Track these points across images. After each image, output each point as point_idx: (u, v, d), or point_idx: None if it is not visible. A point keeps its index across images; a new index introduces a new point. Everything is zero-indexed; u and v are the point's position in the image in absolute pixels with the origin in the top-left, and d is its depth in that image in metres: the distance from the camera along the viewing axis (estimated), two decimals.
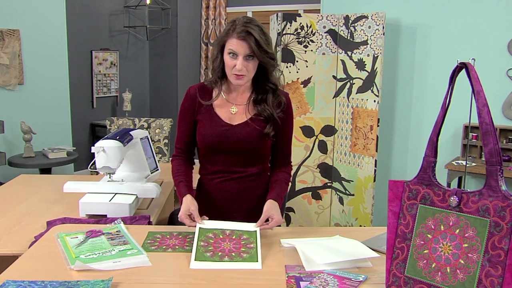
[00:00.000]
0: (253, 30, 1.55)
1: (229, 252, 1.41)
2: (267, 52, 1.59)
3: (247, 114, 1.69)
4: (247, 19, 1.59)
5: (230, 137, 1.66)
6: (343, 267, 1.32)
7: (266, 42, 1.59)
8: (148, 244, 1.49)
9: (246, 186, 1.72)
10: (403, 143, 3.74)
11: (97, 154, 1.85)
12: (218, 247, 1.43)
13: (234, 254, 1.40)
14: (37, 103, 4.14)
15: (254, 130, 1.67)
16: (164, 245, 1.49)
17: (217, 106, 1.70)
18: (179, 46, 5.72)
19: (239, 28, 1.56)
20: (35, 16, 4.07)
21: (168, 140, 3.99)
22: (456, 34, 3.40)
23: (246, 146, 1.67)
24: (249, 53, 1.57)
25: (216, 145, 1.67)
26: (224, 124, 1.68)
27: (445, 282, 1.06)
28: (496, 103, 3.28)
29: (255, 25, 1.57)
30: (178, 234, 1.59)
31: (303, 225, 3.61)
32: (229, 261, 1.36)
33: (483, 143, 1.03)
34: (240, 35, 1.55)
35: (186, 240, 1.53)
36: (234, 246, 1.45)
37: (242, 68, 1.58)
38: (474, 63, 1.09)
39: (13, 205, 2.00)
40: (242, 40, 1.55)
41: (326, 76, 3.50)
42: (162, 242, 1.51)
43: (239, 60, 1.57)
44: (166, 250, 1.45)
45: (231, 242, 1.46)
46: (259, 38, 1.55)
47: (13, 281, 1.19)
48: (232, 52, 1.58)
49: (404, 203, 1.16)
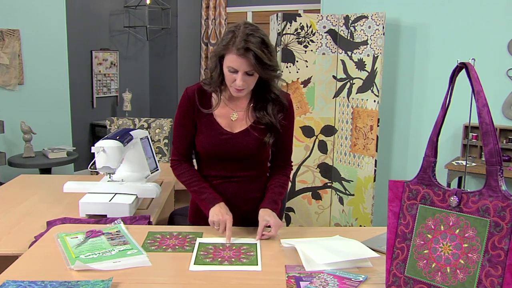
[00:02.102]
0: (253, 45, 1.46)
1: (228, 258, 1.41)
2: (268, 65, 1.51)
3: (247, 121, 1.66)
4: (248, 30, 1.48)
5: (231, 146, 1.63)
6: (343, 267, 1.32)
7: (269, 55, 1.50)
8: (148, 244, 1.50)
9: (245, 188, 1.70)
10: (403, 143, 3.74)
11: (97, 154, 1.84)
12: (218, 254, 1.43)
13: (234, 259, 1.40)
14: (37, 103, 4.14)
15: (254, 139, 1.64)
16: (164, 245, 1.49)
17: (217, 113, 1.66)
18: (179, 46, 5.72)
19: (239, 44, 1.46)
20: (35, 16, 4.07)
21: (168, 140, 3.99)
22: (456, 34, 3.40)
23: (246, 154, 1.64)
24: (249, 70, 1.51)
25: (217, 153, 1.64)
26: (224, 132, 1.63)
27: (445, 282, 1.06)
28: (496, 103, 3.28)
29: (256, 37, 1.48)
30: (178, 234, 1.59)
31: (303, 225, 3.61)
32: (229, 265, 1.36)
33: (483, 143, 1.03)
34: (239, 51, 1.46)
35: (186, 240, 1.53)
36: (234, 254, 1.44)
37: (242, 84, 1.53)
38: (474, 63, 1.08)
39: (13, 205, 2.00)
40: (242, 57, 1.47)
41: (326, 76, 3.50)
42: (162, 242, 1.51)
43: (239, 76, 1.51)
44: (166, 250, 1.45)
45: (231, 251, 1.46)
46: (260, 53, 1.46)
47: (13, 281, 1.19)
48: (232, 68, 1.51)
49: (404, 203, 1.16)
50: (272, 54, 1.52)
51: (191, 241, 1.52)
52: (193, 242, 1.51)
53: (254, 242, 1.52)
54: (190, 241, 1.52)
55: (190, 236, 1.56)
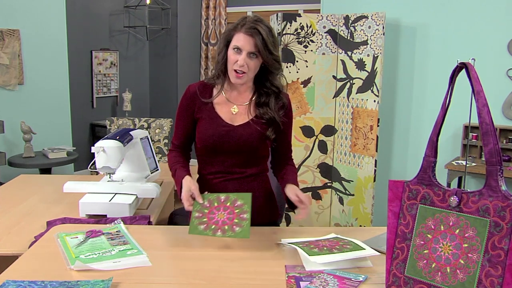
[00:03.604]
0: (261, 29, 1.56)
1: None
2: (272, 53, 1.60)
3: (249, 115, 1.69)
4: (258, 18, 1.60)
5: (231, 137, 1.65)
6: (343, 267, 1.32)
7: (273, 44, 1.60)
8: (196, 220, 1.46)
9: (245, 186, 1.72)
10: (403, 143, 3.74)
11: (97, 154, 1.84)
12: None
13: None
14: (37, 103, 4.14)
15: (255, 132, 1.67)
16: (212, 223, 1.45)
17: (218, 105, 1.70)
18: (179, 46, 5.72)
19: (248, 24, 1.57)
20: (35, 16, 4.07)
21: (168, 140, 3.99)
22: (456, 34, 3.40)
23: (247, 147, 1.67)
24: (254, 51, 1.58)
25: (216, 145, 1.66)
26: (225, 124, 1.67)
27: (445, 282, 1.06)
28: (496, 103, 3.28)
29: (265, 25, 1.58)
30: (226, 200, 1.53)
31: (303, 225, 3.61)
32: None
33: (483, 143, 1.03)
34: (248, 31, 1.56)
35: (235, 212, 1.48)
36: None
37: (243, 64, 1.58)
38: (474, 63, 1.09)
39: (13, 205, 2.00)
40: (249, 36, 1.57)
41: (326, 76, 3.50)
42: (210, 217, 1.47)
43: (242, 56, 1.58)
44: (216, 233, 1.43)
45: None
46: (266, 37, 1.56)
47: (13, 281, 1.19)
48: (237, 47, 1.58)
49: (404, 203, 1.16)
50: (276, 44, 1.62)
51: (240, 213, 1.48)
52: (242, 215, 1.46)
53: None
54: (240, 214, 1.48)
55: (238, 203, 1.52)
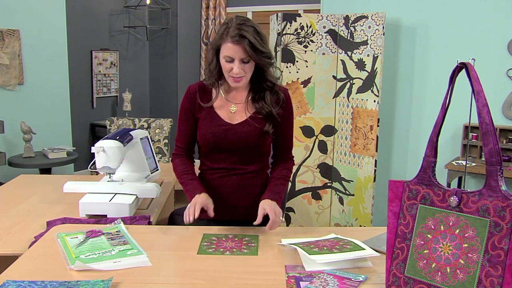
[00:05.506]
0: (246, 33, 1.54)
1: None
2: (262, 52, 1.59)
3: (247, 113, 1.71)
4: (240, 20, 1.57)
5: (230, 136, 1.67)
6: (343, 267, 1.32)
7: (261, 42, 1.58)
8: (205, 246, 1.49)
9: (246, 183, 1.74)
10: (403, 143, 3.74)
11: (97, 154, 1.84)
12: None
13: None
14: (37, 103, 4.14)
15: (254, 129, 1.68)
16: (221, 248, 1.48)
17: (217, 106, 1.72)
18: (179, 46, 5.72)
19: (233, 32, 1.54)
20: (35, 16, 4.07)
21: (168, 140, 3.99)
22: (456, 34, 3.40)
23: (246, 144, 1.68)
24: (245, 57, 1.57)
25: (217, 144, 1.69)
26: (224, 123, 1.69)
27: (445, 282, 1.06)
28: (496, 103, 3.28)
29: (249, 26, 1.56)
30: (234, 236, 1.58)
31: (303, 225, 3.61)
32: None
33: (483, 143, 1.03)
34: (234, 39, 1.54)
35: (243, 243, 1.52)
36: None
37: (239, 72, 1.59)
38: (474, 63, 1.09)
39: (13, 205, 2.00)
40: (237, 44, 1.55)
41: (326, 76, 3.50)
42: (218, 244, 1.51)
43: (235, 64, 1.58)
44: (224, 253, 1.44)
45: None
46: (253, 40, 1.54)
47: (13, 281, 1.19)
48: (228, 57, 1.58)
49: (404, 203, 1.16)
50: (264, 41, 1.60)
51: (248, 243, 1.52)
52: (251, 244, 1.50)
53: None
54: (248, 244, 1.52)
55: (247, 238, 1.56)
